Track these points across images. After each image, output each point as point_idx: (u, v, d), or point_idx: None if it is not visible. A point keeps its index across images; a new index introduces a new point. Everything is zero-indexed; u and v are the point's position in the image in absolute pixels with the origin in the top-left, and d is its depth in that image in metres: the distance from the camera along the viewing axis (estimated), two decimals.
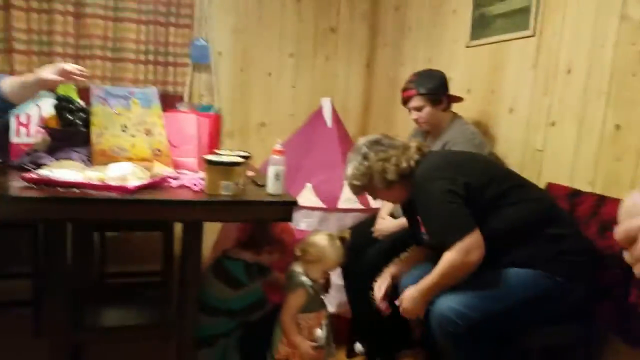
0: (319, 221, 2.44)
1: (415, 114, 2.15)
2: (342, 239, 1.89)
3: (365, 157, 1.70)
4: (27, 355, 2.15)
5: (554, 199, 1.73)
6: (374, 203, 2.43)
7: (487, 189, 1.56)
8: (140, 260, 3.03)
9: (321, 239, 1.85)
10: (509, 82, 2.21)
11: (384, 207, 2.25)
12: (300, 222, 2.40)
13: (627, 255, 0.62)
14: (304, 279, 1.83)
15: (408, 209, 1.82)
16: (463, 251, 1.45)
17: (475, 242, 1.46)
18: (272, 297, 2.05)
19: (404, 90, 2.17)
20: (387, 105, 3.23)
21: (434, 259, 1.56)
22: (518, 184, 1.64)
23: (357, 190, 1.78)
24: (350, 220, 2.47)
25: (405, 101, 2.17)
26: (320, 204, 2.44)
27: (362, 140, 1.77)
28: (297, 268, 1.88)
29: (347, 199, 2.45)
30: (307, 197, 2.45)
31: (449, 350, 1.52)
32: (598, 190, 1.70)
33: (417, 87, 2.10)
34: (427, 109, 2.11)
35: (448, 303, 1.46)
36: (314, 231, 1.96)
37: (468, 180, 1.54)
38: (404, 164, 1.65)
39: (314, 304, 1.86)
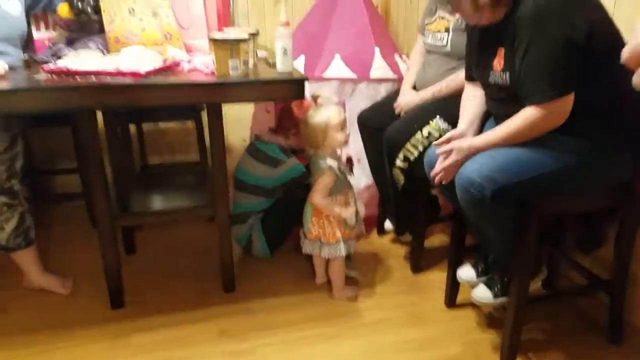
0: (352, 92, 2.37)
1: None
2: (314, 98, 1.89)
3: None
4: (86, 243, 2.35)
5: None
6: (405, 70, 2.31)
7: (602, 43, 1.30)
8: (178, 150, 3.15)
9: (309, 117, 1.83)
10: None
11: (406, 81, 2.15)
12: (332, 96, 2.29)
13: (635, 78, 0.62)
14: (328, 161, 1.83)
15: (484, 35, 1.51)
16: (549, 113, 1.32)
17: (564, 107, 1.32)
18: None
19: None
20: None
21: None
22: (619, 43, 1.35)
23: None
24: (383, 90, 2.39)
25: None
26: (352, 75, 2.34)
27: None
28: (316, 154, 1.88)
29: (379, 66, 2.36)
30: (337, 68, 2.34)
31: (472, 216, 1.50)
32: None
33: None
34: None
35: (475, 166, 1.39)
36: (303, 118, 1.90)
37: (590, 27, 1.28)
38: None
39: (341, 184, 1.88)
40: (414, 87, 2.11)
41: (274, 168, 2.11)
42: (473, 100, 1.64)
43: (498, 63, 1.42)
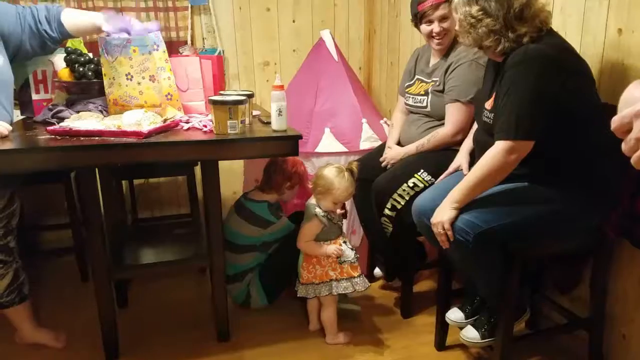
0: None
1: (438, 27, 1.97)
2: (350, 170, 1.94)
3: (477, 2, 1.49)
4: (78, 297, 2.38)
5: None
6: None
7: (576, 107, 1.46)
8: (169, 204, 3.21)
9: (329, 172, 1.93)
10: None
11: (391, 137, 2.29)
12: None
13: (624, 146, 0.61)
14: (317, 210, 1.94)
15: (490, 77, 1.65)
16: (511, 149, 1.43)
17: (523, 149, 1.44)
18: None
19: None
20: (391, 33, 3.16)
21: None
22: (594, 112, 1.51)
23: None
24: None
25: (424, 15, 1.97)
26: (342, 148, 2.41)
27: None
28: (312, 200, 1.99)
29: (368, 137, 2.46)
30: (328, 142, 2.41)
31: (458, 261, 1.61)
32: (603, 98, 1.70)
33: None
34: (451, 21, 1.91)
35: (461, 215, 1.51)
36: (324, 165, 2.02)
37: (570, 90, 1.43)
38: (488, 42, 1.50)
39: (330, 232, 1.97)
40: (399, 143, 2.25)
41: (264, 229, 2.17)
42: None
43: (489, 104, 1.59)
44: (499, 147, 1.45)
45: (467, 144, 1.88)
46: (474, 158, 1.77)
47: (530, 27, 1.47)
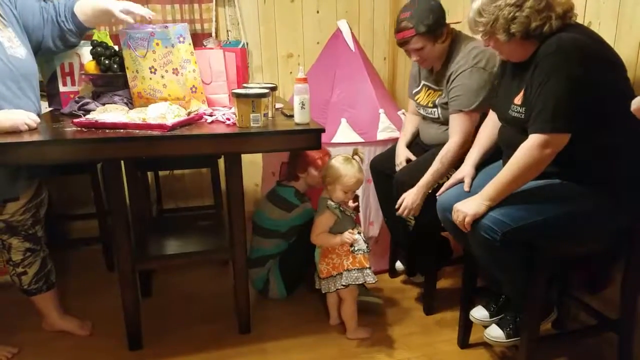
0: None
1: (416, 56, 1.96)
2: (356, 155, 1.94)
3: None
4: (103, 286, 2.43)
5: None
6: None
7: (612, 102, 1.40)
8: (193, 196, 3.24)
9: (336, 161, 1.92)
10: None
11: (403, 138, 2.25)
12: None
13: None
14: (329, 202, 1.92)
15: (515, 71, 1.59)
16: (546, 142, 1.38)
17: (559, 143, 1.39)
18: None
19: (399, 30, 1.92)
20: None
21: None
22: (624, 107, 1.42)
23: (477, 27, 1.51)
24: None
25: (403, 43, 1.94)
26: (359, 139, 2.38)
27: None
28: (324, 194, 1.98)
29: (385, 128, 2.42)
30: (344, 133, 2.39)
31: (483, 258, 1.57)
32: (638, 92, 1.63)
33: (415, 26, 1.86)
34: (429, 47, 1.91)
35: (489, 212, 1.47)
36: (333, 156, 2.01)
37: (603, 82, 1.38)
38: (536, 23, 1.41)
39: (343, 225, 1.94)
40: (409, 146, 2.22)
41: (288, 212, 2.20)
42: (491, 129, 1.76)
43: (519, 99, 1.52)
44: (533, 141, 1.40)
45: (474, 156, 1.78)
46: (478, 172, 1.73)
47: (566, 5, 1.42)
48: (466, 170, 1.73)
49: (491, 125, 1.77)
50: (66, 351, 1.94)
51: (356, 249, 1.93)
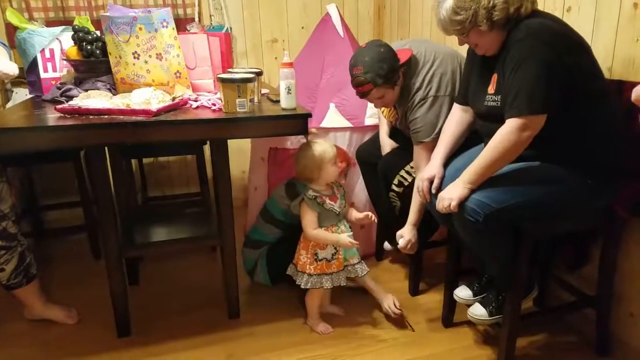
0: (348, 141, 2.42)
1: (379, 104, 1.96)
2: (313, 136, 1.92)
3: None
4: (90, 275, 2.42)
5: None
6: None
7: (584, 83, 1.44)
8: (179, 183, 3.23)
9: (304, 152, 1.87)
10: None
11: (382, 129, 2.25)
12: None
13: None
14: (305, 196, 1.87)
15: (484, 63, 1.61)
16: (524, 125, 1.40)
17: (537, 125, 1.42)
18: None
19: (357, 85, 1.86)
20: (401, 7, 3.11)
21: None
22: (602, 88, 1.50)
23: (454, 27, 1.51)
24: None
25: (362, 95, 1.90)
26: (347, 124, 2.38)
27: None
28: (305, 190, 1.91)
29: (373, 113, 2.42)
30: (333, 118, 2.38)
31: (468, 240, 1.61)
32: (616, 76, 1.67)
33: (372, 81, 1.80)
34: (390, 93, 1.88)
35: (472, 195, 1.50)
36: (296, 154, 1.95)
37: (574, 63, 1.40)
38: (514, 6, 1.43)
39: (325, 219, 1.90)
40: (391, 135, 2.23)
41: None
42: (456, 125, 1.77)
43: (492, 87, 1.55)
44: (511, 125, 1.43)
45: (441, 154, 1.76)
46: (446, 167, 1.74)
47: None
48: (434, 170, 1.73)
49: (454, 121, 1.78)
50: (53, 341, 1.94)
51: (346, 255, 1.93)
